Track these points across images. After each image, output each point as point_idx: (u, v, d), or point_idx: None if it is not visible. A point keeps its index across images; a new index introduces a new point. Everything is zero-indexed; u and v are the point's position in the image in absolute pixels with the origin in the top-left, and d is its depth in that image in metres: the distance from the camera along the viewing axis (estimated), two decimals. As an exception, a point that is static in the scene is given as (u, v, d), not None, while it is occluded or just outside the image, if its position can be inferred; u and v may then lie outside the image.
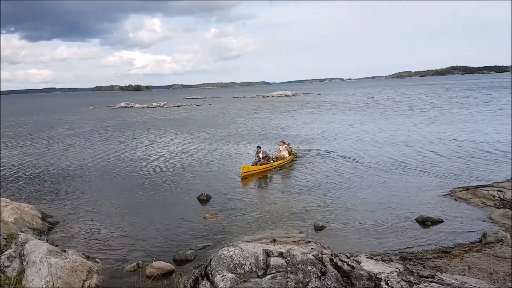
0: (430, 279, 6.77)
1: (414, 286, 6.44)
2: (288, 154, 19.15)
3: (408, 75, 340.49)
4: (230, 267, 7.28)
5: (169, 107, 70.48)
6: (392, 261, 7.92)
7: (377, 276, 6.85)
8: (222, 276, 7.03)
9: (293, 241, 9.63)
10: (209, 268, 7.35)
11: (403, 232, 10.32)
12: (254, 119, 41.15)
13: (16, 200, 12.58)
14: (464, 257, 8.44)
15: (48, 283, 6.99)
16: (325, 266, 7.33)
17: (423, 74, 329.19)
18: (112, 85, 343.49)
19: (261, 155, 17.96)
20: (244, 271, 7.25)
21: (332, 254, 7.98)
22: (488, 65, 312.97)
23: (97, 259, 8.91)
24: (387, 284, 6.59)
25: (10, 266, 7.71)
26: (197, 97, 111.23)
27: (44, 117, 55.64)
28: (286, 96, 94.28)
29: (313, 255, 7.70)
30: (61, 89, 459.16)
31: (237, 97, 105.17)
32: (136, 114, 56.09)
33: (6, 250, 8.14)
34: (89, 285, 7.71)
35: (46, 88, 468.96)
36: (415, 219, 11.05)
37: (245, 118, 42.84)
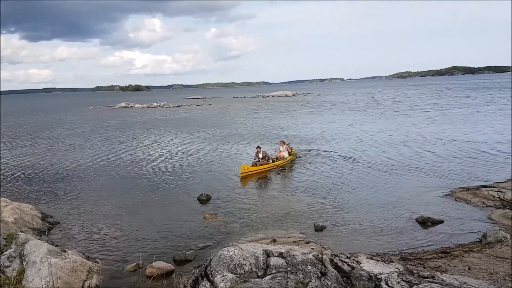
0: (430, 280, 6.77)
1: (414, 287, 6.43)
2: (288, 155, 19.13)
3: (408, 75, 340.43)
4: (230, 267, 7.28)
5: (169, 107, 70.50)
6: (392, 262, 7.92)
7: (377, 277, 6.85)
8: (222, 276, 7.03)
9: (293, 242, 9.63)
10: (209, 268, 7.35)
11: (403, 233, 10.32)
12: (254, 119, 41.15)
13: (16, 200, 12.57)
14: (464, 258, 8.44)
15: (48, 283, 6.99)
16: (325, 267, 7.33)
17: (423, 74, 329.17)
18: (112, 85, 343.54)
19: (261, 155, 17.95)
20: (244, 271, 7.25)
21: (332, 255, 7.98)
22: (489, 66, 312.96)
23: (97, 259, 8.91)
24: (387, 285, 6.59)
25: (10, 266, 7.71)
26: (197, 97, 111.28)
27: (44, 117, 55.66)
28: (286, 96, 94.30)
29: (313, 256, 7.70)
30: (61, 89, 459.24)
31: (237, 97, 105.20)
32: (136, 114, 56.10)
33: (6, 250, 8.14)
34: (89, 285, 7.71)
35: (46, 88, 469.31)
36: (415, 220, 11.05)
37: (245, 118, 42.84)
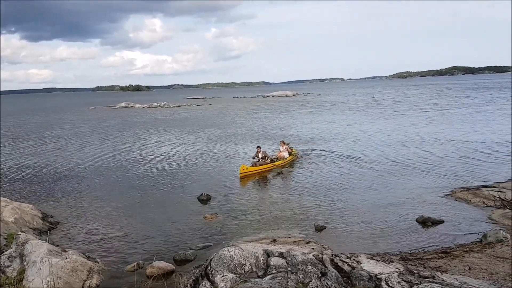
0: (431, 280, 6.77)
1: (415, 287, 6.43)
2: (289, 155, 19.11)
3: (409, 75, 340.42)
4: (231, 267, 7.28)
5: (170, 107, 70.50)
6: (393, 262, 7.92)
7: (378, 277, 6.85)
8: (223, 276, 7.03)
9: (294, 241, 9.63)
10: (209, 268, 7.35)
11: (404, 233, 10.31)
12: (255, 119, 41.15)
13: (17, 200, 12.58)
14: (465, 258, 8.43)
15: (49, 283, 6.99)
16: (326, 267, 7.33)
17: (424, 74, 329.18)
18: (113, 85, 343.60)
19: (261, 155, 17.93)
20: (245, 271, 7.25)
21: (333, 255, 7.98)
22: (489, 66, 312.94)
23: (98, 259, 8.91)
24: (388, 285, 6.59)
25: (11, 266, 7.71)
26: (198, 97, 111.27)
27: (45, 117, 55.67)
28: (287, 96, 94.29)
29: (314, 256, 7.69)
30: (62, 89, 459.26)
31: (238, 97, 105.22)
32: (137, 114, 56.11)
33: (7, 250, 8.14)
34: (90, 285, 7.71)
35: (47, 88, 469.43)
36: (416, 220, 11.04)
37: (245, 118, 42.85)
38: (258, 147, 18.34)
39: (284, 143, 19.58)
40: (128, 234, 10.70)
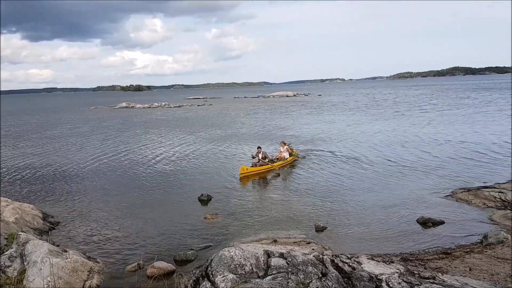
0: (431, 280, 6.77)
1: (415, 287, 6.43)
2: (289, 155, 19.09)
3: (410, 76, 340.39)
4: (231, 268, 7.28)
5: (170, 107, 70.50)
6: (393, 262, 7.91)
7: (378, 277, 6.85)
8: (223, 277, 7.03)
9: (294, 242, 9.62)
10: (210, 269, 7.35)
11: (404, 233, 10.30)
12: (255, 120, 41.15)
13: (17, 200, 12.58)
14: (465, 258, 8.43)
15: (49, 283, 6.99)
16: (326, 267, 7.33)
17: (425, 75, 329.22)
18: (113, 85, 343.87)
19: (261, 156, 17.91)
20: (245, 272, 7.25)
21: (333, 255, 7.98)
22: (490, 66, 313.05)
23: (98, 259, 8.91)
24: (388, 285, 6.58)
25: (11, 266, 7.72)
26: (198, 97, 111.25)
27: (45, 117, 55.71)
28: (287, 97, 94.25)
29: (314, 256, 7.69)
30: (62, 89, 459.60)
31: (238, 98, 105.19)
32: (137, 114, 56.14)
33: (7, 250, 8.15)
34: (90, 285, 7.72)
35: (47, 88, 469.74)
36: (416, 220, 11.04)
37: (246, 119, 42.84)
38: (259, 148, 18.34)
39: (285, 144, 19.55)
40: (129, 234, 10.70)
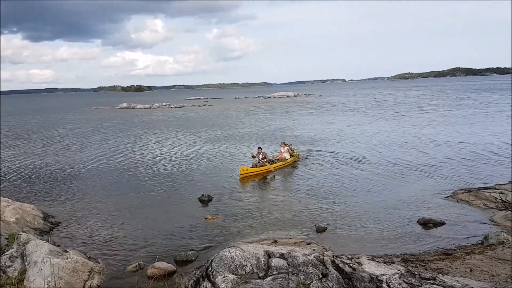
0: (432, 281, 6.76)
1: (416, 288, 6.42)
2: (290, 156, 19.07)
3: (410, 77, 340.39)
4: (231, 268, 7.28)
5: (171, 108, 70.52)
6: (394, 263, 7.90)
7: (379, 278, 6.84)
8: (223, 277, 7.02)
9: (295, 243, 9.62)
10: (210, 269, 7.35)
11: (405, 234, 10.30)
12: (256, 120, 41.16)
13: (18, 200, 12.59)
14: (466, 259, 8.42)
15: (50, 283, 7.00)
16: (327, 268, 7.32)
17: (425, 76, 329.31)
18: (114, 86, 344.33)
19: (261, 156, 17.89)
20: (245, 272, 7.25)
21: (334, 256, 7.97)
22: (490, 67, 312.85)
23: (99, 260, 8.92)
24: (389, 286, 6.58)
25: (12, 266, 7.72)
26: (199, 98, 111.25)
27: (46, 117, 55.75)
28: (288, 97, 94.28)
29: (315, 257, 7.69)
30: (63, 89, 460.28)
31: (239, 98, 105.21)
32: (138, 115, 56.17)
33: (8, 250, 8.15)
34: (91, 285, 7.72)
35: (48, 88, 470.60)
36: (417, 221, 11.03)
37: (247, 119, 42.86)
38: (259, 148, 18.33)
39: (286, 144, 19.54)
40: (129, 235, 10.71)
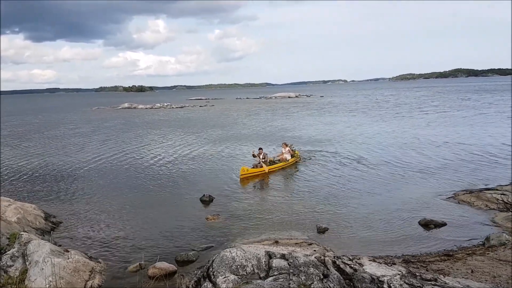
0: (433, 282, 6.75)
1: (417, 289, 6.41)
2: (291, 157, 19.05)
3: (412, 77, 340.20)
4: (232, 269, 7.28)
5: (172, 108, 70.55)
6: (395, 264, 7.90)
7: (380, 279, 6.83)
8: (224, 278, 7.02)
9: (296, 243, 9.61)
10: (211, 269, 7.35)
11: (406, 235, 10.29)
12: (257, 121, 41.17)
13: (19, 200, 12.62)
14: (467, 261, 8.40)
15: (51, 283, 7.01)
16: (328, 269, 7.32)
17: (427, 77, 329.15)
18: (116, 86, 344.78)
19: (261, 157, 17.87)
20: (246, 273, 7.25)
21: (335, 257, 7.97)
22: (492, 68, 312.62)
23: (100, 259, 8.93)
24: (390, 287, 6.57)
25: (13, 266, 7.74)
26: (200, 98, 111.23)
27: (48, 117, 55.84)
28: (289, 98, 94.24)
29: (316, 257, 7.68)
30: (65, 90, 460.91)
31: (240, 99, 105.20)
32: (140, 115, 56.22)
33: (9, 250, 8.17)
34: (92, 285, 7.73)
35: (50, 89, 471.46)
36: (418, 222, 11.02)
37: (248, 120, 42.87)
38: (260, 149, 18.30)
39: (287, 145, 19.52)
40: (130, 235, 10.72)
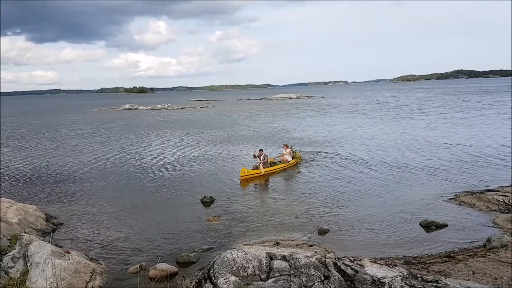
0: (434, 284, 6.74)
1: (418, 291, 6.41)
2: (292, 158, 19.04)
3: (413, 79, 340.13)
4: (233, 270, 7.28)
5: (173, 109, 70.60)
6: (396, 265, 7.89)
7: (381, 281, 6.82)
8: (225, 279, 7.02)
9: (296, 245, 9.61)
10: (212, 271, 7.35)
11: (407, 236, 10.28)
12: (258, 122, 41.18)
13: (20, 201, 12.64)
14: (468, 262, 8.39)
15: (52, 284, 7.01)
16: (329, 270, 7.31)
17: (428, 78, 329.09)
18: (117, 87, 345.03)
19: (262, 158, 17.84)
20: (247, 274, 7.24)
21: (336, 258, 7.96)
22: (493, 69, 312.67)
23: (101, 261, 8.93)
24: (391, 289, 6.56)
25: (14, 267, 7.74)
26: (201, 99, 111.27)
27: (49, 118, 55.89)
28: (290, 99, 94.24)
29: (317, 259, 7.68)
30: (66, 91, 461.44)
31: (241, 100, 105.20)
32: (141, 116, 56.25)
33: (10, 251, 8.18)
34: (92, 287, 7.73)
35: (51, 90, 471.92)
36: (419, 223, 11.00)
37: (249, 121, 42.88)
38: (261, 150, 18.29)
39: (288, 146, 19.52)
40: (131, 236, 10.72)
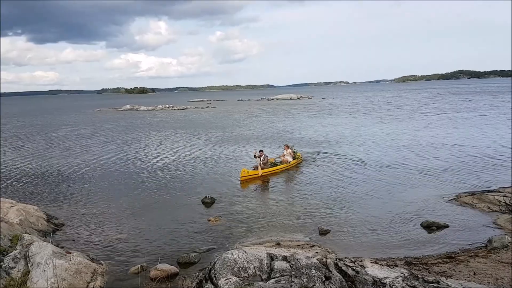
0: (435, 285, 6.73)
1: (419, 292, 6.40)
2: (293, 159, 19.03)
3: (414, 79, 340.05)
4: (234, 271, 7.27)
5: (174, 110, 70.66)
6: (397, 266, 7.88)
7: (382, 281, 6.82)
8: (226, 279, 7.02)
9: (297, 245, 9.60)
10: (213, 271, 7.35)
11: (408, 237, 10.27)
12: (259, 122, 41.19)
13: (22, 202, 12.65)
14: (470, 263, 8.38)
15: (53, 285, 7.01)
16: (330, 271, 7.30)
17: (429, 78, 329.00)
18: (118, 88, 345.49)
19: (261, 159, 17.83)
20: (248, 275, 7.24)
21: (337, 259, 7.95)
22: (494, 70, 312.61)
23: (102, 261, 8.94)
24: (392, 289, 6.55)
25: (15, 268, 7.75)
26: (202, 100, 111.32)
27: (50, 119, 55.97)
28: (291, 99, 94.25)
29: (318, 259, 7.67)
30: (67, 91, 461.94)
31: (242, 100, 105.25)
32: (142, 117, 56.30)
33: (11, 252, 8.18)
34: (94, 287, 7.73)
35: (52, 90, 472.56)
36: (420, 224, 10.99)
37: (250, 121, 42.89)
38: (261, 151, 18.28)
39: (288, 147, 19.51)
40: (132, 236, 10.72)
